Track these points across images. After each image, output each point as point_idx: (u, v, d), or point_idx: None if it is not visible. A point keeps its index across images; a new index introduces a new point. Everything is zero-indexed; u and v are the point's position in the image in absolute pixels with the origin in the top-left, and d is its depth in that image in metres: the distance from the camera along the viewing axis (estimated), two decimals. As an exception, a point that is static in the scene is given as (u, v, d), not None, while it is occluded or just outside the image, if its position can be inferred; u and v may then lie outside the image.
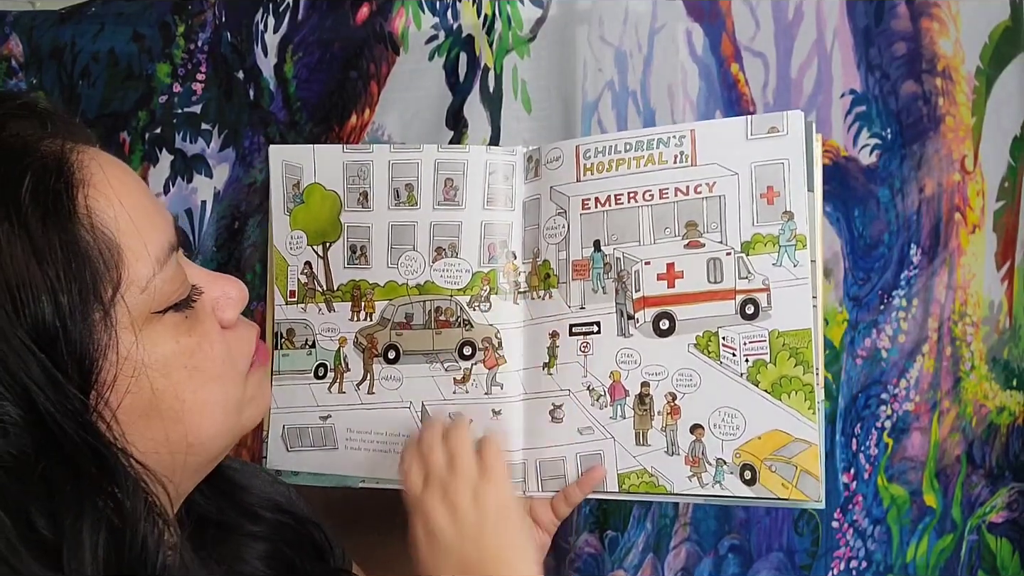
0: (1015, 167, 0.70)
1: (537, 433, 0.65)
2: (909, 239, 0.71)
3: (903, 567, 0.72)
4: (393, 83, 0.82)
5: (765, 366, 0.59)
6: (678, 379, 0.61)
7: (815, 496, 0.58)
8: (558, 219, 0.65)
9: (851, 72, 0.72)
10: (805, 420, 0.59)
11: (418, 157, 0.68)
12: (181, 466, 0.47)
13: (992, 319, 0.71)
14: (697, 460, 0.61)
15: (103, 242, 0.42)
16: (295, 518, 0.60)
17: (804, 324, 0.59)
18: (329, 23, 0.84)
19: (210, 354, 0.47)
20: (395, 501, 0.62)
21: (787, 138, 0.60)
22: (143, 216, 0.44)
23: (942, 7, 0.70)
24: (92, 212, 0.42)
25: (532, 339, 0.66)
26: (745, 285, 0.60)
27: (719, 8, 0.75)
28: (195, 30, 0.87)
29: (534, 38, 0.79)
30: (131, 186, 0.45)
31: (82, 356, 0.41)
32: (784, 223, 0.60)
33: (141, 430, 0.44)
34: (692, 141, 0.62)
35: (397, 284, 0.68)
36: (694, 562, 0.75)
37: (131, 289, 0.43)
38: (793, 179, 0.60)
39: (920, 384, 0.71)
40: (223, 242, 0.87)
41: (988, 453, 0.71)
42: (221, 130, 0.87)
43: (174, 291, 0.45)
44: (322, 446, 0.70)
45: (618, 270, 0.63)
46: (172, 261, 0.46)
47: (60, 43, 0.89)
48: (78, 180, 0.42)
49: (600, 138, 0.65)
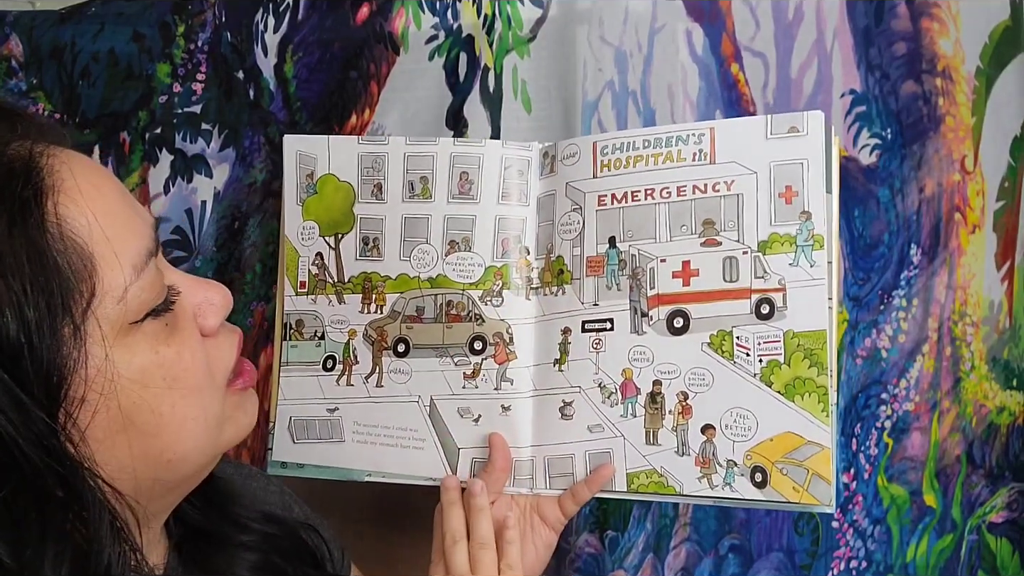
0: (1015, 167, 0.70)
1: (546, 430, 0.65)
2: (909, 239, 0.71)
3: (903, 567, 0.72)
4: (393, 83, 0.82)
5: (779, 367, 0.59)
6: (691, 378, 0.61)
7: (826, 500, 0.58)
8: (573, 215, 0.65)
9: (851, 72, 0.72)
10: (818, 423, 0.58)
11: (434, 150, 0.68)
12: (158, 483, 0.45)
13: (992, 319, 0.71)
14: (708, 461, 0.60)
15: (74, 251, 0.40)
16: (288, 527, 0.59)
17: (820, 325, 0.58)
18: (329, 23, 0.84)
19: (189, 365, 0.45)
20: (396, 503, 0.62)
21: (807, 138, 0.60)
22: (119, 221, 0.42)
23: (942, 7, 0.70)
24: (62, 220, 0.40)
25: (544, 335, 0.66)
26: (761, 284, 0.60)
27: (719, 8, 0.75)
28: (195, 30, 0.87)
29: (534, 38, 0.79)
30: (105, 189, 0.43)
31: (49, 374, 0.39)
32: (802, 223, 0.60)
33: (115, 446, 0.42)
34: (711, 139, 0.62)
35: (409, 277, 0.68)
36: (694, 562, 0.75)
37: (106, 300, 0.41)
38: (812, 179, 0.59)
39: (920, 384, 0.71)
40: (223, 242, 0.87)
41: (988, 453, 0.71)
42: (221, 130, 0.87)
43: (152, 298, 0.43)
44: (329, 439, 0.69)
45: (633, 267, 0.63)
46: (150, 268, 0.43)
47: (60, 43, 0.89)
48: (47, 186, 0.40)
49: (618, 135, 0.65)
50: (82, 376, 0.40)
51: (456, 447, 0.66)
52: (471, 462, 0.66)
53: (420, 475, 0.67)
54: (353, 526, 0.79)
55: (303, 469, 0.70)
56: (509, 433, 0.65)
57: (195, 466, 0.47)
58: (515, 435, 0.65)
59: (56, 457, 0.39)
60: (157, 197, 0.87)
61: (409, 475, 0.68)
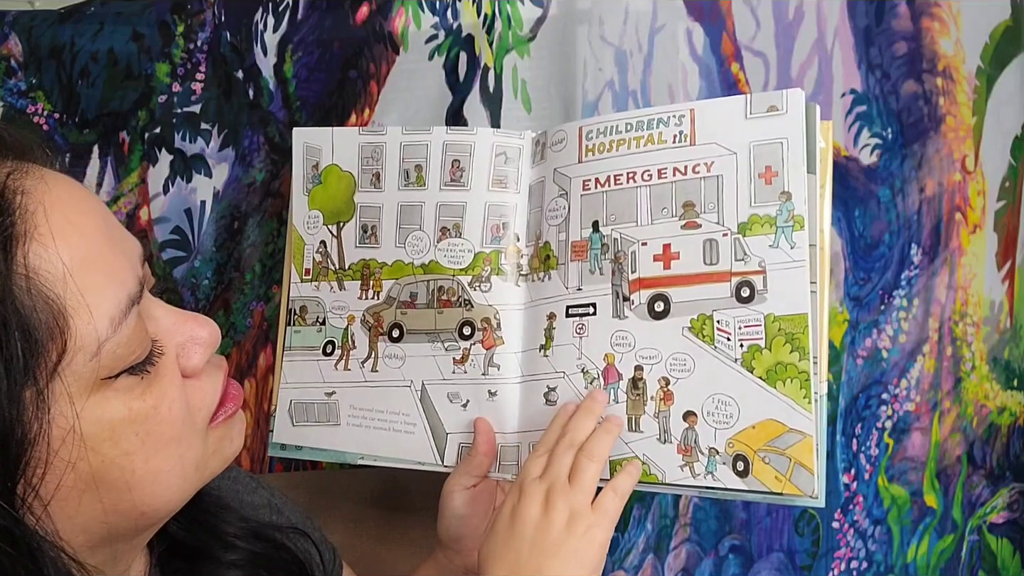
0: (1016, 167, 0.70)
1: (532, 415, 0.65)
2: (910, 239, 0.71)
3: (904, 567, 0.72)
4: (393, 83, 0.82)
5: (760, 352, 0.58)
6: (672, 363, 0.60)
7: (809, 491, 0.55)
8: (559, 201, 0.65)
9: (852, 72, 0.72)
10: (800, 410, 0.56)
11: (427, 139, 0.69)
12: (136, 528, 0.43)
13: (993, 319, 0.71)
14: (690, 449, 0.59)
15: (44, 307, 0.35)
16: (275, 542, 0.57)
17: (801, 309, 0.57)
18: (329, 23, 0.84)
19: (167, 417, 0.41)
20: (397, 503, 0.61)
21: (786, 117, 0.59)
22: (98, 266, 0.38)
23: (943, 7, 0.70)
24: (32, 271, 0.35)
25: (531, 321, 0.66)
26: (741, 267, 0.59)
27: (719, 8, 0.75)
28: (194, 30, 0.87)
29: (534, 38, 0.79)
30: (86, 228, 0.38)
31: (6, 445, 0.35)
32: (782, 204, 0.58)
33: (84, 503, 0.39)
34: (691, 120, 0.61)
35: (404, 263, 0.69)
36: (694, 563, 0.75)
37: (77, 357, 0.37)
38: (792, 159, 0.58)
39: (921, 384, 0.71)
40: (223, 242, 0.86)
41: (989, 453, 0.71)
42: (220, 130, 0.87)
43: (130, 353, 0.39)
44: (325, 422, 0.70)
45: (615, 251, 0.63)
46: (131, 318, 0.39)
47: (59, 43, 0.89)
48: (19, 233, 0.36)
49: (602, 119, 0.65)
50: (45, 443, 0.36)
51: (445, 432, 0.67)
52: (459, 447, 0.66)
53: (410, 459, 0.68)
54: (354, 525, 0.79)
55: (301, 451, 0.71)
56: (496, 418, 0.65)
57: (175, 508, 0.44)
58: (501, 420, 0.65)
59: (16, 538, 0.36)
60: (156, 197, 0.87)
61: (399, 459, 0.68)
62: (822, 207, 0.59)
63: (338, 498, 0.80)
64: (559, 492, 0.55)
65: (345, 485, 0.79)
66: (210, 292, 0.86)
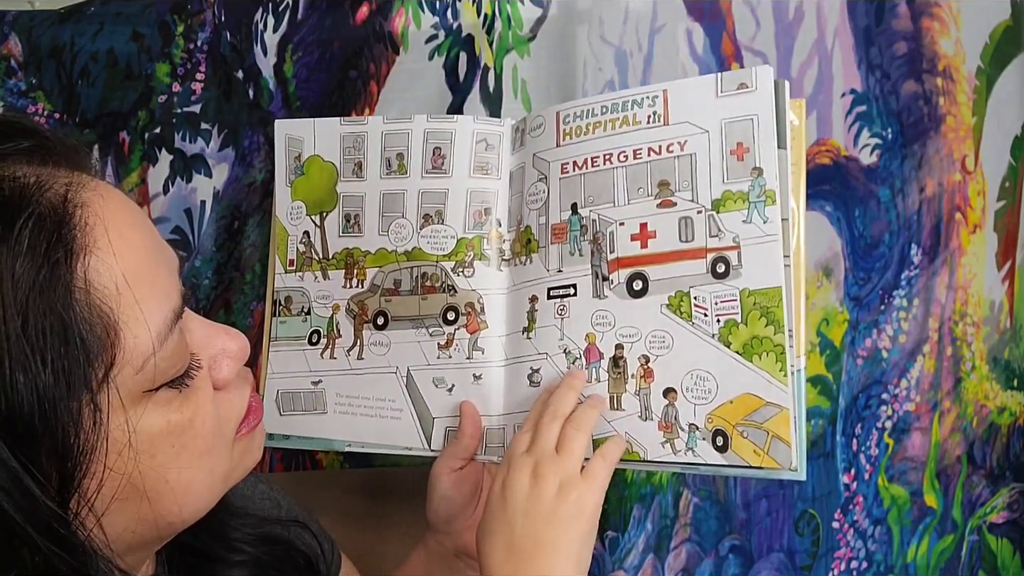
0: (1016, 167, 0.70)
1: (516, 398, 0.65)
2: (910, 239, 0.71)
3: (904, 568, 0.72)
4: (393, 83, 0.82)
5: (736, 326, 0.58)
6: (651, 341, 0.61)
7: (787, 464, 0.55)
8: (539, 185, 0.66)
9: (852, 72, 0.72)
10: (776, 383, 0.57)
11: (409, 127, 0.70)
12: (155, 539, 0.44)
13: (993, 319, 0.71)
14: (670, 425, 0.59)
15: (99, 319, 0.36)
16: (281, 542, 0.58)
17: (775, 282, 0.57)
18: (329, 23, 0.84)
19: (201, 430, 0.42)
20: (396, 502, 0.62)
21: (756, 94, 0.59)
22: (147, 280, 0.39)
23: (943, 7, 0.70)
24: (91, 285, 0.36)
25: (514, 304, 0.67)
26: (716, 243, 0.59)
27: (719, 7, 0.75)
28: (194, 30, 0.87)
29: (534, 37, 0.79)
30: (138, 244, 0.39)
31: (64, 457, 0.36)
32: (754, 179, 0.59)
33: (114, 512, 0.39)
34: (665, 101, 0.62)
35: (387, 251, 0.70)
36: (695, 563, 0.75)
37: (125, 370, 0.38)
38: (762, 134, 0.59)
39: (921, 384, 0.71)
40: (223, 242, 0.87)
41: (989, 453, 0.71)
42: (220, 130, 0.87)
43: (172, 367, 0.40)
44: (312, 410, 0.71)
45: (594, 232, 0.63)
46: (175, 335, 0.40)
47: (59, 43, 0.89)
48: (79, 247, 0.36)
49: (578, 103, 0.65)
50: (101, 454, 0.37)
51: (431, 416, 0.67)
52: (445, 431, 0.67)
53: (397, 445, 0.68)
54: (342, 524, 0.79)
55: (288, 440, 0.72)
56: (481, 402, 0.66)
57: (198, 517, 0.45)
58: (487, 404, 0.66)
59: (70, 548, 0.36)
60: (156, 197, 0.87)
61: (386, 445, 0.69)
62: (798, 183, 0.60)
63: (336, 495, 0.80)
64: (547, 462, 0.56)
65: (345, 484, 0.80)
66: (210, 292, 0.86)
